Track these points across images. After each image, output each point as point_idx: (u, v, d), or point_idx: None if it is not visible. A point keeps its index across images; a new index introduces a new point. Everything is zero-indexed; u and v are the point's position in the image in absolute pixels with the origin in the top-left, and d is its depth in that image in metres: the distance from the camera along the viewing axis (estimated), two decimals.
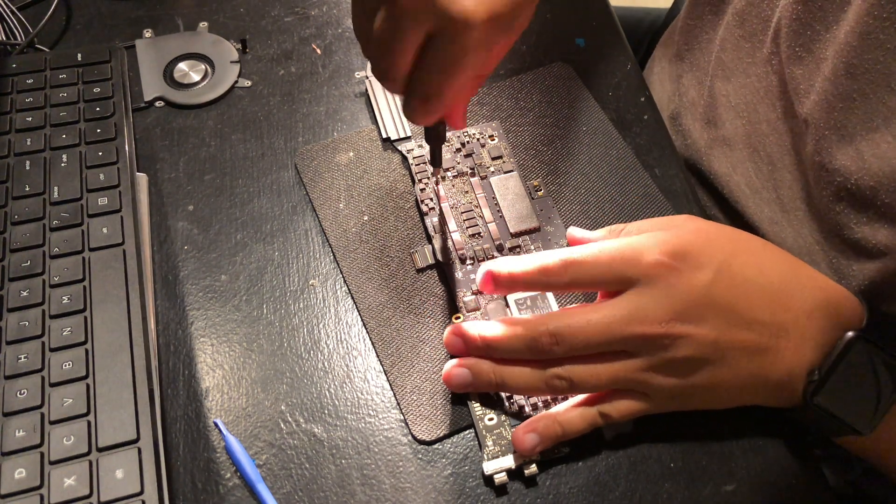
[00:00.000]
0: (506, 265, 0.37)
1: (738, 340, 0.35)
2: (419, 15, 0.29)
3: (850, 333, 0.35)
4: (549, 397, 0.39)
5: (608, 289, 0.36)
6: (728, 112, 0.47)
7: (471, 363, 0.37)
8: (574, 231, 0.41)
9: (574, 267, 0.36)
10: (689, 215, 0.39)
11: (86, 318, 0.38)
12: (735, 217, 0.46)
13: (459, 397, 0.40)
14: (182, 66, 0.52)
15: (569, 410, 0.37)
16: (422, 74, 0.32)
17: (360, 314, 0.43)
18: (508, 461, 0.37)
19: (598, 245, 0.36)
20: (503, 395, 0.39)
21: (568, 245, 0.41)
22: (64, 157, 0.44)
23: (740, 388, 0.37)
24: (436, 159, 0.41)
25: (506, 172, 0.47)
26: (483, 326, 0.38)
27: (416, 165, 0.47)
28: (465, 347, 0.38)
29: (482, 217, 0.45)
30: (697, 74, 0.52)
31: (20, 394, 0.36)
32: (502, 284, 0.37)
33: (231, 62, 0.53)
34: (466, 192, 0.46)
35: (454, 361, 0.38)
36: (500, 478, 0.37)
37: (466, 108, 0.37)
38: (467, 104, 0.37)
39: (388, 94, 0.51)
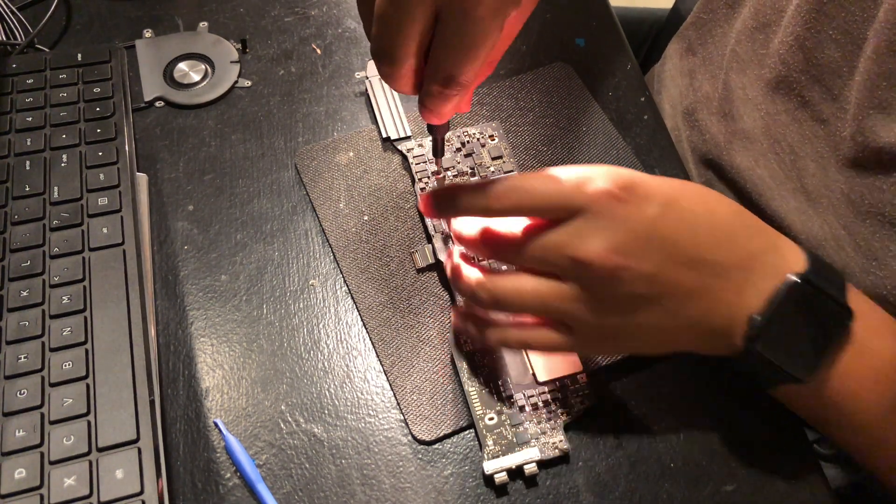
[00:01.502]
0: (447, 187, 0.36)
1: (678, 279, 0.34)
2: None
3: (792, 276, 0.34)
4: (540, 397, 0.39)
5: (552, 216, 0.34)
6: (745, 105, 0.47)
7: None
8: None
9: (518, 191, 0.34)
10: None
11: (86, 318, 0.38)
12: (758, 210, 0.46)
13: (460, 397, 0.40)
14: (182, 66, 0.52)
15: (501, 325, 0.37)
16: (438, 55, 0.30)
17: (360, 314, 0.43)
18: (509, 461, 0.37)
19: (545, 171, 0.34)
20: (503, 393, 0.39)
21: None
22: (64, 157, 0.44)
23: (677, 331, 0.35)
24: (438, 149, 0.41)
25: (506, 173, 0.47)
26: (461, 224, 0.37)
27: (416, 165, 0.47)
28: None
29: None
30: (711, 68, 0.52)
31: (20, 394, 0.36)
32: (442, 205, 0.36)
33: (231, 62, 0.53)
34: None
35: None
36: (501, 477, 0.37)
37: (473, 91, 0.36)
38: (475, 87, 0.36)
39: (388, 93, 0.51)
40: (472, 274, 0.37)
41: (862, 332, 0.35)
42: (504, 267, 0.42)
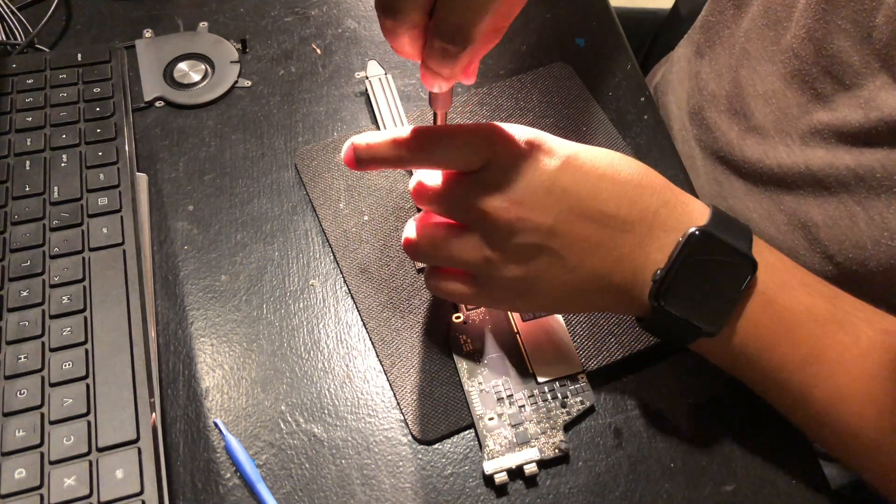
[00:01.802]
0: (364, 137, 0.35)
1: (578, 231, 0.34)
2: None
3: (692, 229, 0.34)
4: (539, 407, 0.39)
5: (462, 168, 0.35)
6: (756, 101, 0.47)
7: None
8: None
9: (430, 143, 0.34)
10: None
11: (86, 318, 0.38)
12: (772, 200, 0.46)
13: (460, 397, 0.40)
14: (182, 66, 0.52)
15: (430, 272, 0.39)
16: (444, 5, 0.29)
17: (359, 314, 0.43)
18: (509, 461, 0.37)
19: (458, 124, 0.35)
20: (503, 393, 0.39)
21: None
22: (64, 157, 0.44)
23: (581, 286, 0.36)
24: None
25: None
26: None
27: None
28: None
29: None
30: (717, 68, 0.52)
31: (20, 394, 0.36)
32: (362, 158, 0.35)
33: (231, 62, 0.53)
34: None
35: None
36: (501, 477, 0.37)
37: (479, 61, 0.36)
38: (481, 56, 0.35)
39: (388, 93, 0.51)
40: (409, 224, 0.38)
41: (768, 284, 0.35)
42: None
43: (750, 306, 0.35)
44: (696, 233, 0.34)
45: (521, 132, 0.35)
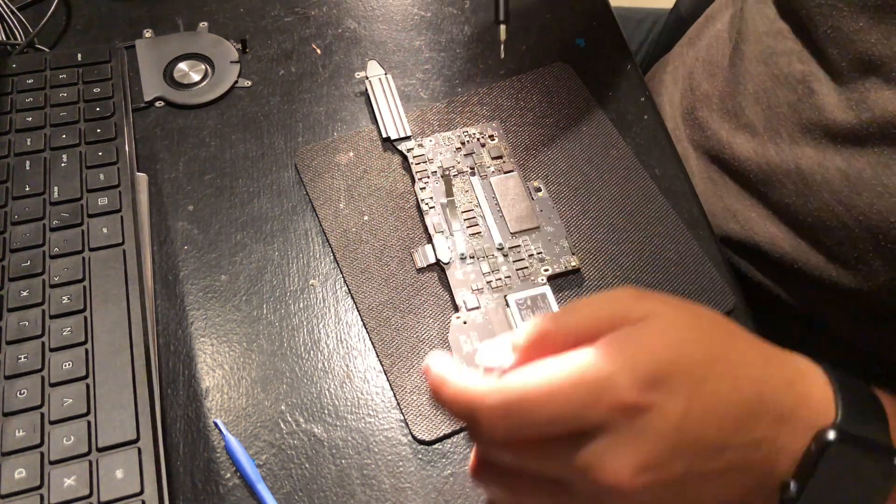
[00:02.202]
0: (439, 373, 0.29)
1: (705, 471, 0.29)
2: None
3: (829, 433, 0.29)
4: None
5: (565, 437, 0.28)
6: (747, 99, 0.48)
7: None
8: (483, 356, 0.30)
9: (514, 417, 0.27)
10: (633, 290, 0.30)
11: (86, 318, 0.38)
12: (765, 198, 0.46)
13: None
14: (182, 66, 0.52)
15: None
16: None
17: (359, 314, 0.43)
18: None
19: (547, 375, 0.27)
20: None
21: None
22: (64, 157, 0.44)
23: None
24: (501, 9, 0.40)
25: (506, 172, 0.47)
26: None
27: (416, 165, 0.47)
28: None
29: (482, 217, 0.45)
30: (709, 68, 0.53)
31: (20, 394, 0.36)
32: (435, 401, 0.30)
33: (231, 62, 0.53)
34: (467, 191, 0.46)
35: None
36: None
37: None
38: None
39: (388, 94, 0.51)
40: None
41: None
42: None
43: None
44: (832, 438, 0.29)
45: (633, 373, 0.27)
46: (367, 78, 0.52)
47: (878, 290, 0.41)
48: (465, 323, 0.42)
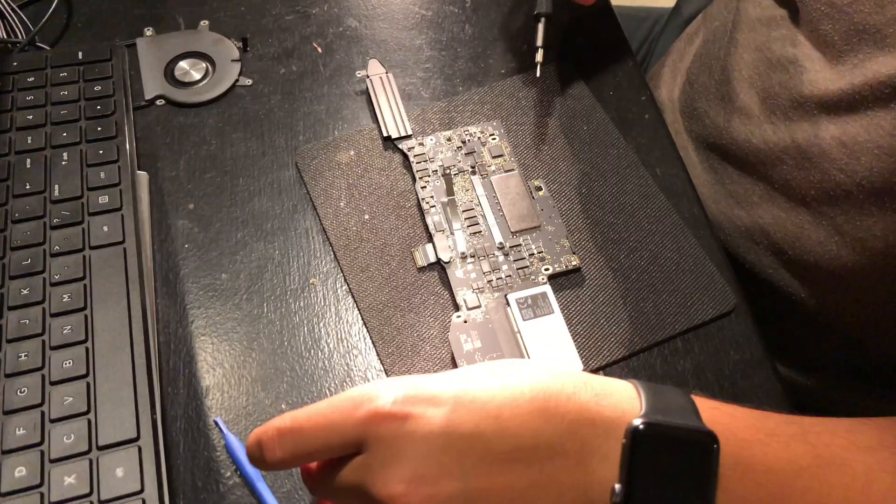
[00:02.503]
0: (252, 437, 0.31)
1: (500, 482, 0.27)
2: None
3: (634, 422, 0.28)
4: None
5: (340, 454, 0.29)
6: (741, 84, 0.48)
7: None
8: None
9: (284, 437, 0.29)
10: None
11: (86, 316, 0.38)
12: (760, 176, 0.47)
13: None
14: (183, 64, 0.52)
15: None
16: None
17: (360, 313, 0.43)
18: None
19: (314, 405, 0.29)
20: None
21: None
22: (65, 155, 0.44)
23: None
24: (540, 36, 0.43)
25: (506, 171, 0.47)
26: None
27: (416, 164, 0.47)
28: None
29: (483, 216, 0.45)
30: (707, 61, 0.53)
31: (20, 392, 0.36)
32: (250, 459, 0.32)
33: (232, 61, 0.53)
34: (467, 190, 0.46)
35: None
36: None
37: None
38: None
39: (389, 92, 0.51)
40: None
41: (736, 451, 0.29)
42: None
43: (727, 485, 0.28)
44: (640, 427, 0.28)
45: (389, 391, 0.29)
46: (368, 76, 0.52)
47: (876, 266, 0.41)
48: (465, 322, 0.42)
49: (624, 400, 0.29)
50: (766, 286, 0.48)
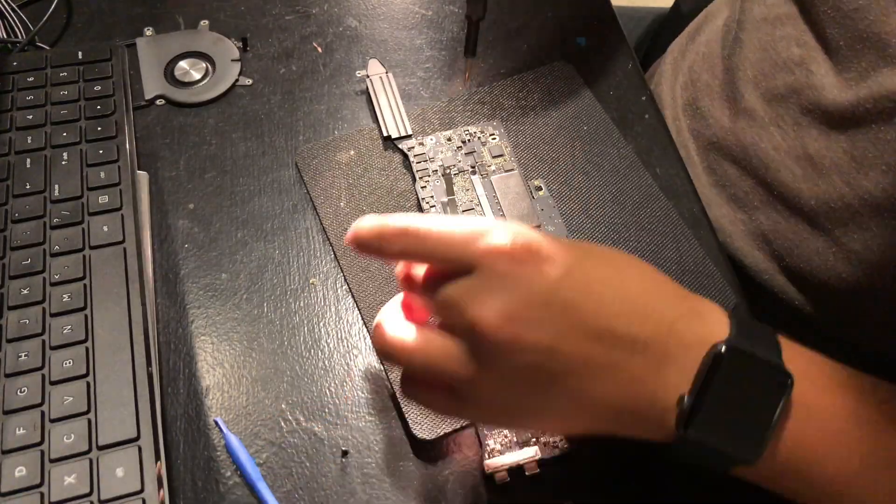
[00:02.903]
0: (357, 224, 0.32)
1: (582, 353, 0.29)
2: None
3: (718, 345, 0.30)
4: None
5: (447, 267, 0.31)
6: (746, 85, 0.48)
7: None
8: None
9: (408, 237, 0.31)
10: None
11: (86, 316, 0.38)
12: (766, 184, 0.47)
13: None
14: (183, 64, 0.52)
15: (406, 378, 0.34)
16: None
17: (360, 313, 0.43)
18: (509, 459, 0.37)
19: (444, 219, 0.31)
20: None
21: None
22: (65, 155, 0.44)
23: (588, 412, 0.31)
24: (471, 44, 0.40)
25: (507, 171, 0.47)
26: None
27: (416, 164, 0.47)
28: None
29: (483, 215, 0.45)
30: (710, 59, 0.53)
31: (20, 392, 0.36)
32: (352, 245, 0.33)
33: (232, 60, 0.53)
34: (467, 189, 0.46)
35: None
36: (501, 476, 0.37)
37: None
38: None
39: (389, 92, 0.51)
40: (385, 311, 0.34)
41: (807, 393, 0.31)
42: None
43: (790, 422, 0.30)
44: (722, 350, 0.30)
45: (513, 234, 0.30)
46: (368, 76, 0.52)
47: (872, 280, 0.41)
48: None
49: (714, 322, 0.31)
50: (764, 289, 0.48)
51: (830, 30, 0.42)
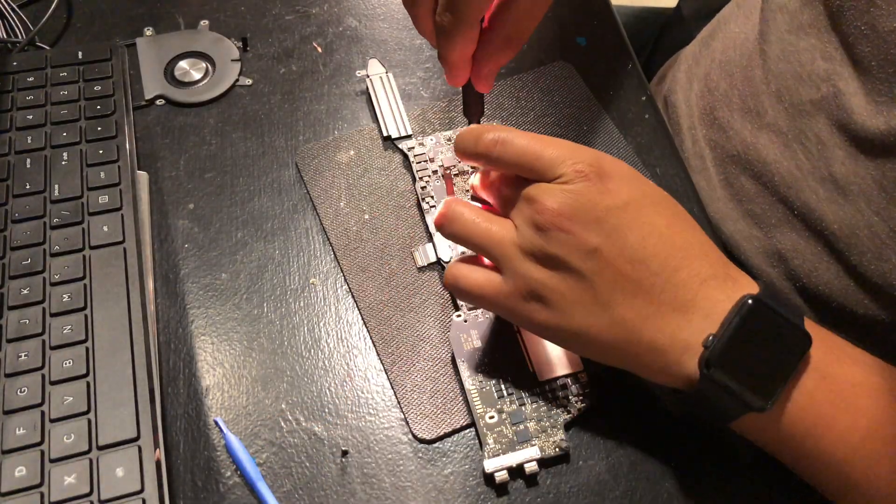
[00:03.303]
0: (461, 135, 0.38)
1: (618, 267, 0.34)
2: None
3: (747, 297, 0.33)
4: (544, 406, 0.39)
5: (532, 177, 0.36)
6: (769, 98, 0.46)
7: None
8: None
9: (502, 146, 0.36)
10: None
11: (86, 316, 0.38)
12: (787, 203, 0.45)
13: (460, 396, 0.40)
14: (183, 64, 0.52)
15: (461, 262, 0.39)
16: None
17: (360, 313, 0.43)
18: (509, 459, 0.37)
19: (535, 137, 0.36)
20: (504, 392, 0.39)
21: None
22: (64, 155, 0.44)
23: (609, 334, 0.34)
24: (468, 106, 0.43)
25: None
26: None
27: (416, 164, 0.47)
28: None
29: None
30: (727, 67, 0.51)
31: (20, 392, 0.36)
32: (459, 146, 0.39)
33: (232, 60, 0.53)
34: (468, 190, 0.46)
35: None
36: (501, 476, 0.37)
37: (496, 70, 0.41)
38: (498, 67, 0.41)
39: (389, 92, 0.51)
40: (446, 200, 0.39)
41: (822, 358, 0.33)
42: None
43: (804, 380, 0.33)
44: (750, 301, 0.33)
45: (594, 159, 0.35)
46: (368, 76, 0.52)
47: (890, 312, 0.41)
48: (465, 321, 0.42)
49: (746, 286, 0.34)
50: None
51: (861, 47, 0.40)
